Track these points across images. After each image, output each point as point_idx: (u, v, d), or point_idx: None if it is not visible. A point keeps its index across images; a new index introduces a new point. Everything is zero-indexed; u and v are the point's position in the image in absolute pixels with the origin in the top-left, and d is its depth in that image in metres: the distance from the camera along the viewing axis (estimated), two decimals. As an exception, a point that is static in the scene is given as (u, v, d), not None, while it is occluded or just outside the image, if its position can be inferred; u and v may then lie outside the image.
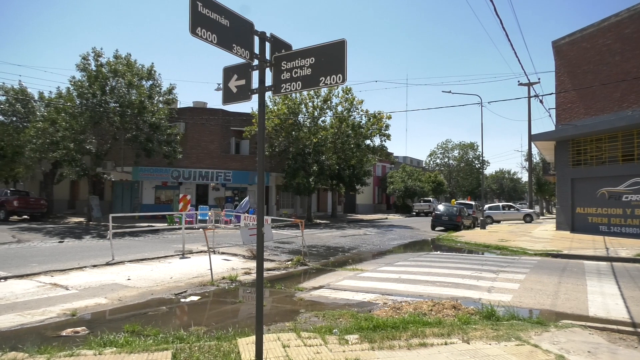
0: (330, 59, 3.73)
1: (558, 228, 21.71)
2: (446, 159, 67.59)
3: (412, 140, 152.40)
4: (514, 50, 12.36)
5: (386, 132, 31.93)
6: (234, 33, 3.73)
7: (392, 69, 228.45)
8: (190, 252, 12.75)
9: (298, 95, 29.39)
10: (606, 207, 19.25)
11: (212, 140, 30.58)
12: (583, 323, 5.56)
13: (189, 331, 5.35)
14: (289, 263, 11.27)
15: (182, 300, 7.35)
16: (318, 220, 31.25)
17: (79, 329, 5.50)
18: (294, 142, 29.95)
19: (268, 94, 4.28)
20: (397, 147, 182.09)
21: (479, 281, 8.76)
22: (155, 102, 24.79)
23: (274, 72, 4.06)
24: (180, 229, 15.44)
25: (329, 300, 7.37)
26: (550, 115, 52.28)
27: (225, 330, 5.34)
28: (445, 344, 4.67)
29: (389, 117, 31.64)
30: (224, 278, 9.00)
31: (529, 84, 32.25)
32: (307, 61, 3.85)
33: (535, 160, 48.98)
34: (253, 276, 9.26)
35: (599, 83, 19.90)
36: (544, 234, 20.45)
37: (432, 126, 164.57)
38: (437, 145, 77.99)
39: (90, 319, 6.12)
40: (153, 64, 24.76)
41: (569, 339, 4.89)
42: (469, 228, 25.92)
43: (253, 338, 4.26)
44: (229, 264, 11.01)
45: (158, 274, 9.34)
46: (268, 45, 4.04)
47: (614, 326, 5.44)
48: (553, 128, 23.85)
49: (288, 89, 3.98)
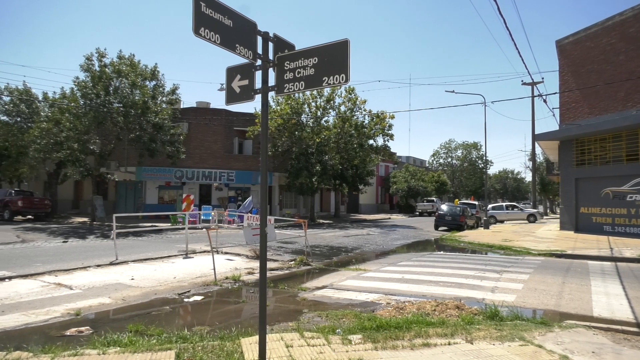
0: (333, 59, 3.72)
1: (562, 228, 21.64)
2: (449, 159, 67.53)
3: (415, 140, 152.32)
4: (517, 49, 12.31)
5: (389, 132, 31.91)
6: (237, 33, 3.73)
7: (395, 68, 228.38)
8: (194, 252, 12.77)
9: (301, 95, 29.38)
10: (610, 207, 19.18)
11: (215, 140, 30.63)
12: (587, 323, 5.54)
13: (192, 331, 5.36)
14: (292, 263, 11.27)
15: (186, 300, 7.37)
16: (321, 220, 31.26)
17: (83, 328, 5.52)
18: (297, 142, 29.96)
19: (271, 94, 4.28)
20: (400, 147, 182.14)
21: (483, 281, 8.74)
22: (159, 103, 24.87)
23: (277, 72, 4.06)
24: (183, 229, 15.47)
25: (332, 300, 7.37)
26: (554, 115, 52.03)
27: (228, 330, 5.35)
28: (449, 344, 4.66)
29: (392, 117, 31.62)
30: (227, 278, 9.01)
31: (533, 84, 32.10)
32: (310, 61, 3.84)
33: (539, 160, 48.75)
34: (256, 276, 9.27)
35: (603, 82, 19.82)
36: (548, 234, 20.38)
37: (436, 126, 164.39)
38: (440, 145, 77.96)
39: (94, 319, 6.14)
40: (157, 64, 24.85)
41: (573, 340, 4.87)
42: (472, 228, 25.88)
43: (256, 338, 4.26)
44: (232, 263, 11.03)
45: (161, 274, 9.36)
46: (271, 45, 4.04)
47: (619, 326, 5.42)
48: (557, 128, 23.75)
49: (291, 89, 3.98)
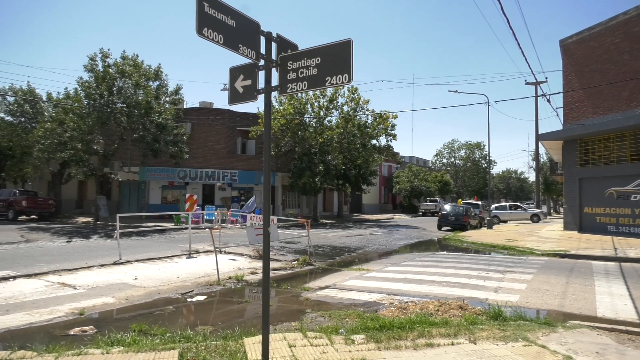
0: (336, 59, 3.72)
1: (566, 228, 21.56)
2: (452, 159, 67.43)
3: (418, 140, 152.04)
4: (520, 49, 12.29)
5: (392, 132, 31.90)
6: (240, 33, 3.73)
7: (398, 68, 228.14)
8: (197, 252, 12.80)
9: (304, 95, 29.39)
10: (614, 207, 19.09)
11: (219, 140, 30.67)
12: (591, 324, 5.52)
13: (195, 331, 5.37)
14: (295, 263, 11.28)
15: (189, 299, 7.38)
16: (324, 220, 31.25)
17: (86, 328, 5.54)
18: (300, 142, 29.97)
19: (274, 94, 4.29)
20: (403, 147, 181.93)
21: (486, 281, 8.72)
22: (162, 103, 24.92)
23: (280, 72, 4.06)
24: (186, 228, 15.48)
25: (335, 300, 7.38)
26: (557, 115, 51.97)
27: (231, 329, 5.35)
28: (452, 344, 4.65)
29: (395, 117, 31.62)
30: (230, 278, 9.03)
31: (536, 83, 32.02)
32: (313, 61, 3.85)
33: (542, 160, 48.67)
34: (259, 276, 9.29)
35: (607, 82, 19.73)
36: (552, 234, 20.31)
37: (439, 126, 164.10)
38: (444, 145, 77.80)
39: (97, 318, 6.17)
40: (160, 64, 24.91)
41: (576, 340, 4.85)
42: (475, 228, 25.81)
43: (259, 338, 4.27)
44: (235, 263, 11.04)
45: (165, 274, 9.38)
46: (274, 45, 4.04)
47: (623, 327, 5.39)
48: (560, 127, 23.69)
49: (294, 89, 3.98)
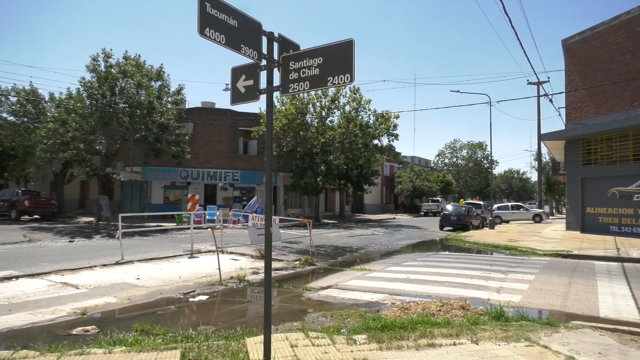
0: (338, 59, 3.72)
1: (568, 228, 21.51)
2: (454, 159, 67.25)
3: (420, 140, 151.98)
4: (523, 49, 12.27)
5: (394, 132, 31.86)
6: (242, 33, 3.73)
7: (400, 68, 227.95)
8: (199, 252, 12.81)
9: (306, 95, 29.41)
10: (617, 207, 19.04)
11: (221, 141, 30.70)
12: (593, 324, 5.51)
13: (197, 330, 5.37)
14: (296, 263, 11.28)
15: (191, 299, 7.39)
16: (326, 220, 31.25)
17: (89, 327, 5.55)
18: (302, 142, 29.97)
19: (276, 94, 4.29)
20: (405, 147, 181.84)
21: (488, 281, 8.71)
22: (164, 103, 24.95)
23: (281, 72, 4.06)
24: (188, 228, 15.52)
25: (336, 300, 7.37)
26: (560, 115, 51.87)
27: (233, 329, 5.36)
28: (454, 344, 4.65)
29: (397, 117, 31.58)
30: (232, 278, 9.04)
31: (539, 83, 31.95)
32: (315, 61, 3.85)
33: (544, 160, 48.59)
34: (261, 276, 9.29)
35: (610, 82, 19.68)
36: (554, 234, 20.27)
37: (441, 126, 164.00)
38: (446, 145, 77.76)
39: (100, 318, 6.18)
40: (162, 64, 24.94)
41: (579, 340, 4.84)
42: (477, 228, 25.77)
43: (261, 337, 4.27)
44: (237, 263, 11.05)
45: (167, 274, 9.40)
46: (276, 45, 4.04)
47: (625, 327, 5.37)
48: (563, 127, 23.62)
49: (296, 89, 3.98)
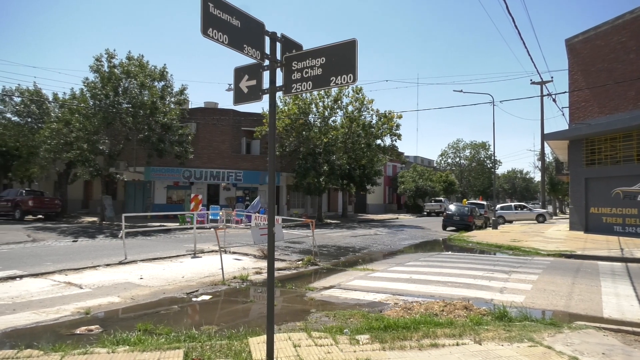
0: (340, 59, 3.72)
1: (571, 228, 21.44)
2: (457, 159, 67.20)
3: (423, 140, 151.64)
4: (526, 48, 12.25)
5: (397, 132, 31.80)
6: (245, 34, 3.74)
7: (403, 68, 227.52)
8: (202, 252, 12.83)
9: (308, 95, 29.39)
10: (621, 207, 18.96)
11: (223, 141, 30.74)
12: (597, 324, 5.49)
13: (200, 330, 5.38)
14: (299, 263, 11.28)
15: (194, 299, 7.40)
16: (329, 220, 31.25)
17: (92, 327, 5.57)
18: (305, 142, 29.98)
19: (279, 94, 4.29)
20: (408, 147, 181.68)
21: (491, 282, 8.69)
22: (167, 103, 25.00)
23: (284, 72, 4.06)
24: (191, 228, 15.54)
25: (339, 300, 7.37)
26: (563, 114, 51.69)
27: (236, 329, 5.37)
28: (457, 344, 4.64)
29: (400, 117, 31.52)
30: (235, 277, 9.05)
31: (542, 83, 31.84)
32: (318, 61, 3.84)
33: (548, 160, 48.38)
34: (264, 276, 9.30)
35: (614, 81, 19.60)
36: (557, 234, 20.20)
37: (443, 126, 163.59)
38: (449, 144, 77.57)
39: (103, 318, 6.20)
40: (165, 65, 24.99)
41: (582, 341, 4.83)
42: (480, 228, 25.72)
43: (264, 337, 4.28)
44: (240, 263, 11.07)
45: (170, 273, 9.42)
46: (279, 45, 4.04)
47: (629, 328, 5.35)
48: (566, 127, 23.53)
49: (299, 89, 3.98)
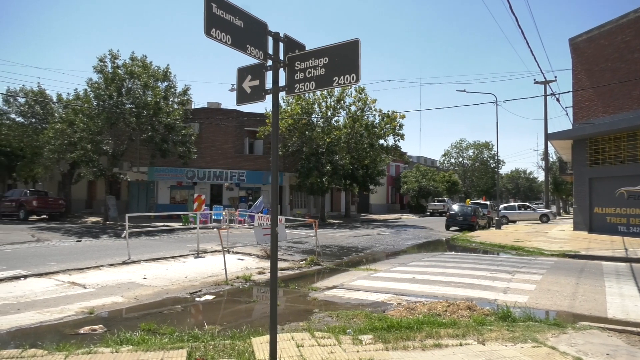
0: (343, 59, 3.72)
1: (575, 228, 21.35)
2: (461, 159, 67.06)
3: (426, 140, 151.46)
4: (529, 48, 12.22)
5: (400, 132, 31.80)
6: (248, 34, 3.74)
7: (406, 68, 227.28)
8: (205, 252, 12.85)
9: (311, 95, 29.39)
10: (625, 207, 18.87)
11: (226, 141, 30.78)
12: (601, 325, 5.46)
13: (203, 330, 5.39)
14: (302, 263, 11.28)
15: (197, 299, 7.42)
16: (331, 220, 31.24)
17: (96, 327, 5.59)
18: (308, 142, 29.98)
19: (282, 94, 4.29)
20: (411, 147, 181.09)
21: (495, 282, 8.66)
22: (170, 103, 25.06)
23: (287, 73, 4.06)
24: (194, 228, 15.57)
25: (342, 300, 7.37)
26: (567, 114, 51.45)
27: (239, 329, 5.37)
28: (460, 345, 4.63)
29: (403, 117, 31.50)
30: (238, 277, 9.06)
31: (545, 82, 31.75)
32: (321, 61, 3.84)
33: (551, 160, 48.26)
34: (267, 276, 9.30)
35: (618, 81, 19.51)
36: (561, 234, 20.13)
37: (447, 125, 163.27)
38: (452, 144, 77.32)
39: (107, 317, 6.22)
40: (168, 65, 25.07)
41: (586, 341, 4.81)
42: (484, 228, 25.65)
43: (267, 337, 4.28)
44: (243, 263, 11.08)
45: (173, 273, 9.44)
46: (282, 45, 4.04)
47: (634, 328, 5.33)
48: (570, 127, 23.45)
49: (302, 89, 3.98)
